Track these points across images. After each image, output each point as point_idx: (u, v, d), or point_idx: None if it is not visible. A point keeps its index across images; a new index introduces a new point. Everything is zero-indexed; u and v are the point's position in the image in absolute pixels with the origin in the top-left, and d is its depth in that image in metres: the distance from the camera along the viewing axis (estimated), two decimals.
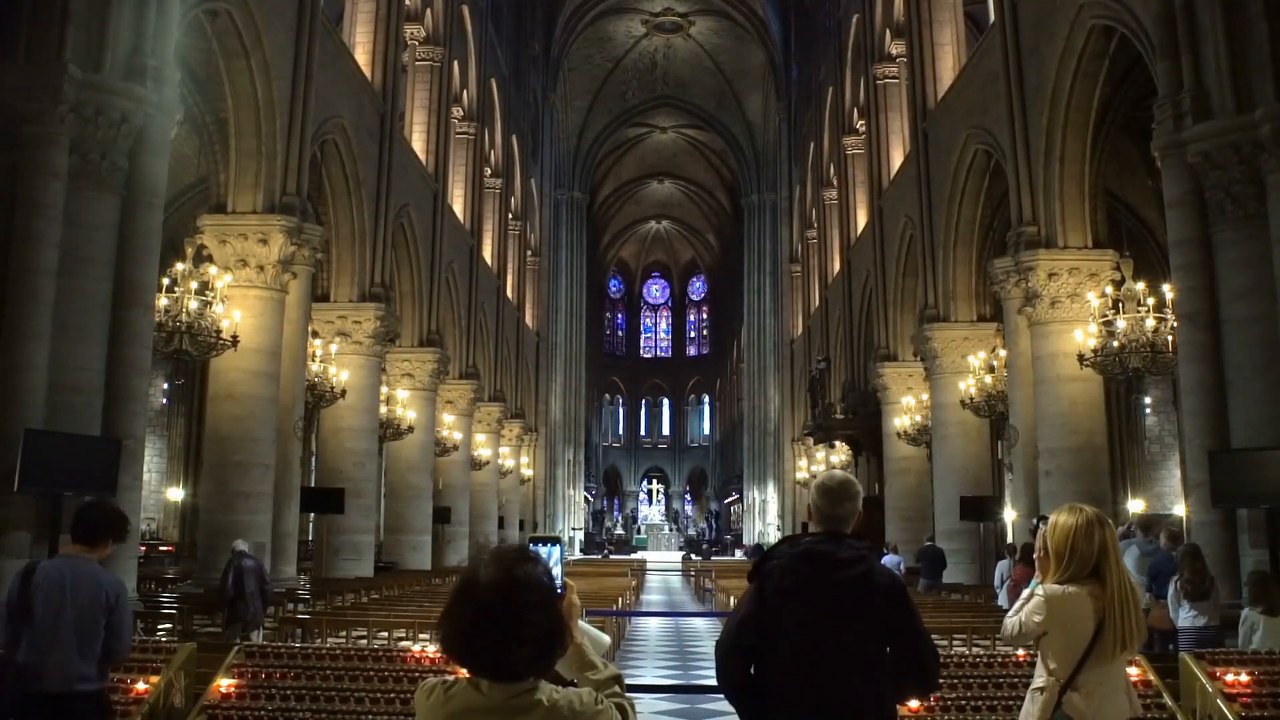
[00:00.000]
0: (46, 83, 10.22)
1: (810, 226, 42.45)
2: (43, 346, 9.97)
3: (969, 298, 21.76)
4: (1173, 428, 27.58)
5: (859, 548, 3.45)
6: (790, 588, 3.38)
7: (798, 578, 3.39)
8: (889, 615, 3.33)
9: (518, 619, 2.17)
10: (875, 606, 3.32)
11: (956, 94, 21.53)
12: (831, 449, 32.66)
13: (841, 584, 3.34)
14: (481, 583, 2.20)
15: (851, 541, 3.47)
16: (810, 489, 3.73)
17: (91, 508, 5.36)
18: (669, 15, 51.06)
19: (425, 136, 27.44)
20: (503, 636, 2.16)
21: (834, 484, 3.58)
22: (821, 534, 3.50)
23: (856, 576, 3.35)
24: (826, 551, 3.41)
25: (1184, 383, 11.66)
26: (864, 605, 3.32)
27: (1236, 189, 10.66)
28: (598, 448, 69.97)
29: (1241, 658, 6.23)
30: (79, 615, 4.89)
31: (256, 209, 16.02)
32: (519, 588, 2.19)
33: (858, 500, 3.57)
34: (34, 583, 4.90)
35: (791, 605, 3.37)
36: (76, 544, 5.09)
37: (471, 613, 2.19)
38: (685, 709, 9.75)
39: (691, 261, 77.07)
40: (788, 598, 3.37)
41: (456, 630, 2.21)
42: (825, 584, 3.35)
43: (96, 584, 4.98)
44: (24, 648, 4.82)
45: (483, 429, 33.87)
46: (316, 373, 18.72)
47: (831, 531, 3.49)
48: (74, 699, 4.87)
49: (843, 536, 3.47)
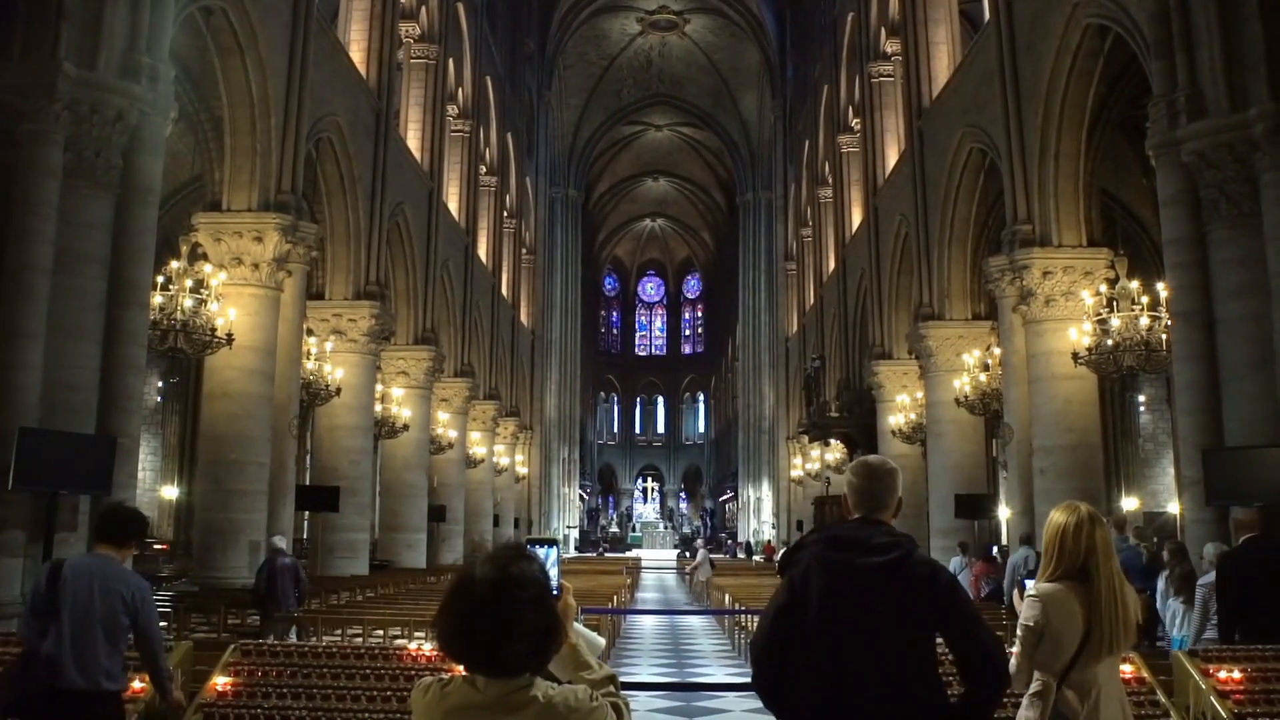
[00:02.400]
0: (41, 80, 10.20)
1: (805, 224, 42.47)
2: (37, 344, 9.95)
3: (964, 296, 21.78)
4: (1167, 426, 27.66)
5: (894, 534, 3.26)
6: (818, 573, 3.21)
7: (826, 563, 3.22)
8: (938, 605, 3.13)
9: (512, 615, 2.19)
10: (913, 595, 3.13)
11: (951, 92, 21.55)
12: (826, 447, 32.71)
13: (871, 570, 3.16)
14: (477, 579, 2.22)
15: (886, 528, 3.29)
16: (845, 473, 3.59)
17: (119, 508, 5.41)
18: (664, 13, 51.07)
19: (420, 134, 27.42)
20: (497, 632, 2.18)
21: (872, 460, 3.46)
22: (855, 520, 3.34)
23: (889, 563, 3.16)
24: (856, 536, 3.25)
25: (1178, 381, 11.70)
26: (897, 594, 3.13)
27: (1231, 187, 10.69)
28: (593, 446, 70.02)
29: (1234, 654, 6.24)
30: (108, 613, 4.91)
31: (251, 207, 16.00)
32: (514, 584, 2.21)
33: (896, 481, 3.40)
34: (63, 579, 4.91)
35: (818, 592, 3.19)
36: (104, 544, 5.13)
37: (467, 608, 2.20)
38: (681, 706, 9.77)
39: (687, 259, 77.13)
40: (815, 584, 3.20)
41: (452, 626, 2.22)
42: (854, 570, 3.17)
43: (125, 583, 5.01)
44: (51, 643, 4.82)
45: (478, 427, 33.88)
46: (311, 371, 18.70)
47: (866, 518, 3.32)
48: (100, 697, 4.89)
49: (877, 522, 3.30)
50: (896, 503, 3.38)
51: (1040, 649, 3.73)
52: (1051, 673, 3.69)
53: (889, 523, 3.33)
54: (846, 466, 3.13)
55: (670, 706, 9.83)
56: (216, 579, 14.92)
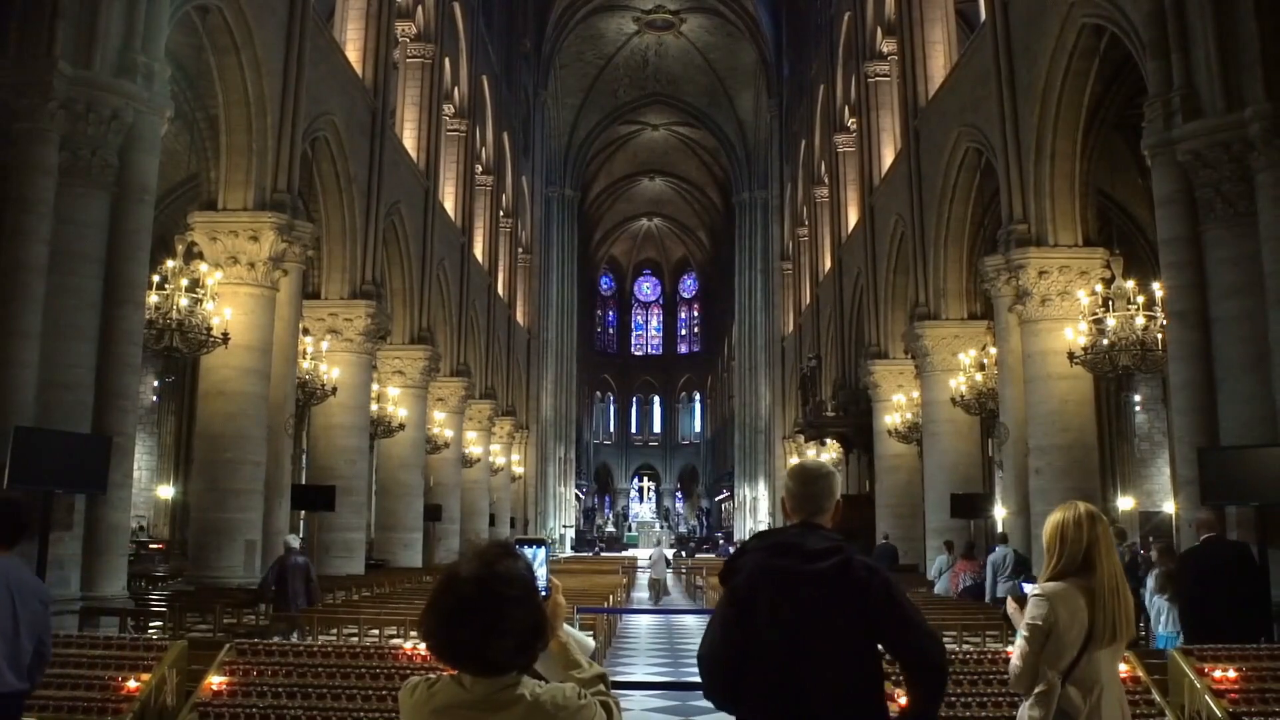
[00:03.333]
0: (37, 79, 10.19)
1: (801, 224, 42.46)
2: (33, 343, 9.94)
3: (960, 295, 21.80)
4: (1162, 425, 27.68)
5: (834, 538, 3.24)
6: (761, 582, 3.18)
7: (768, 572, 3.19)
8: (872, 609, 3.12)
9: (498, 612, 2.20)
10: (855, 601, 3.11)
11: (948, 92, 21.57)
12: (823, 446, 32.71)
13: (815, 577, 3.13)
14: (462, 577, 2.24)
15: (826, 532, 3.27)
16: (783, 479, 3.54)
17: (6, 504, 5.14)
18: (660, 13, 51.07)
19: (416, 133, 27.41)
20: (483, 629, 2.20)
21: (808, 464, 3.44)
22: (794, 525, 3.32)
23: (832, 569, 3.13)
24: (797, 543, 3.22)
25: (1174, 381, 11.71)
26: (842, 599, 3.12)
27: (1226, 187, 10.70)
28: (589, 445, 69.98)
29: (1230, 654, 6.25)
30: (30, 616, 4.79)
31: (247, 206, 15.97)
32: (500, 581, 2.23)
33: (834, 484, 3.37)
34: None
35: (764, 602, 3.17)
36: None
37: (452, 607, 2.22)
38: (676, 705, 9.77)
39: (683, 259, 77.10)
40: (759, 594, 3.18)
41: (438, 624, 2.24)
42: (798, 578, 3.15)
43: (34, 584, 4.92)
44: None
45: (474, 426, 33.86)
46: (307, 370, 18.69)
47: (805, 522, 3.30)
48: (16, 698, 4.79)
49: (816, 527, 3.28)
50: (835, 505, 3.36)
51: (1045, 647, 3.75)
52: (1056, 670, 3.70)
53: (828, 526, 3.32)
54: (787, 470, 3.02)
55: (665, 706, 9.84)
56: (212, 578, 14.89)
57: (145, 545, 26.64)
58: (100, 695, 6.00)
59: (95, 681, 6.09)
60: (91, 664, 6.23)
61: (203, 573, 15.17)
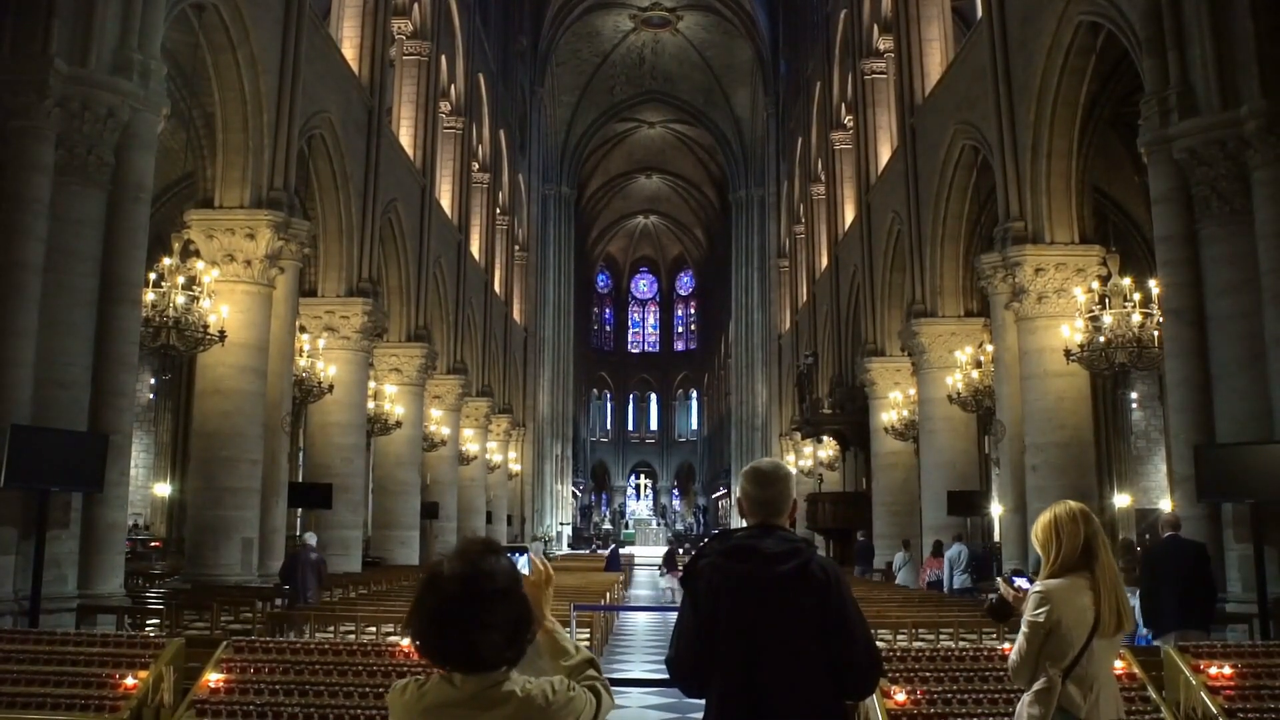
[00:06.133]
0: (32, 77, 10.17)
1: (798, 221, 42.46)
2: (29, 342, 9.93)
3: (956, 293, 21.82)
4: (1159, 423, 27.71)
5: (792, 539, 3.23)
6: (721, 586, 3.17)
7: (728, 576, 3.18)
8: (821, 610, 3.12)
9: (483, 608, 2.22)
10: (813, 601, 3.12)
11: (944, 89, 21.58)
12: (819, 444, 32.74)
13: (775, 580, 3.13)
14: (445, 575, 2.26)
15: (784, 534, 3.26)
16: (738, 479, 3.51)
17: None
18: (657, 10, 51.05)
19: (413, 131, 27.39)
20: (469, 625, 2.21)
21: (764, 466, 3.41)
22: (753, 527, 3.30)
23: (792, 571, 3.13)
24: (756, 546, 3.20)
25: (1170, 378, 11.73)
26: (801, 601, 3.12)
27: (1222, 185, 10.72)
28: (586, 443, 69.98)
29: (1225, 650, 6.26)
30: None
31: (244, 204, 15.96)
32: (483, 578, 2.24)
33: (790, 486, 3.36)
34: None
35: (725, 606, 3.16)
36: None
37: (438, 605, 2.23)
38: (673, 703, 9.78)
39: (679, 256, 77.10)
40: (720, 598, 3.16)
41: (425, 624, 2.25)
42: (758, 580, 3.14)
43: None
44: None
45: (471, 424, 33.86)
46: (304, 368, 18.68)
47: (763, 523, 3.28)
48: None
49: (774, 528, 3.26)
50: (791, 506, 3.35)
51: (1046, 645, 3.74)
52: (1058, 668, 3.71)
53: (786, 527, 3.32)
54: (742, 472, 2.98)
55: (662, 703, 9.84)
56: (209, 576, 14.90)
57: (142, 543, 26.62)
58: (97, 693, 5.99)
59: (92, 679, 6.08)
60: (89, 661, 6.21)
61: (200, 570, 15.17)
